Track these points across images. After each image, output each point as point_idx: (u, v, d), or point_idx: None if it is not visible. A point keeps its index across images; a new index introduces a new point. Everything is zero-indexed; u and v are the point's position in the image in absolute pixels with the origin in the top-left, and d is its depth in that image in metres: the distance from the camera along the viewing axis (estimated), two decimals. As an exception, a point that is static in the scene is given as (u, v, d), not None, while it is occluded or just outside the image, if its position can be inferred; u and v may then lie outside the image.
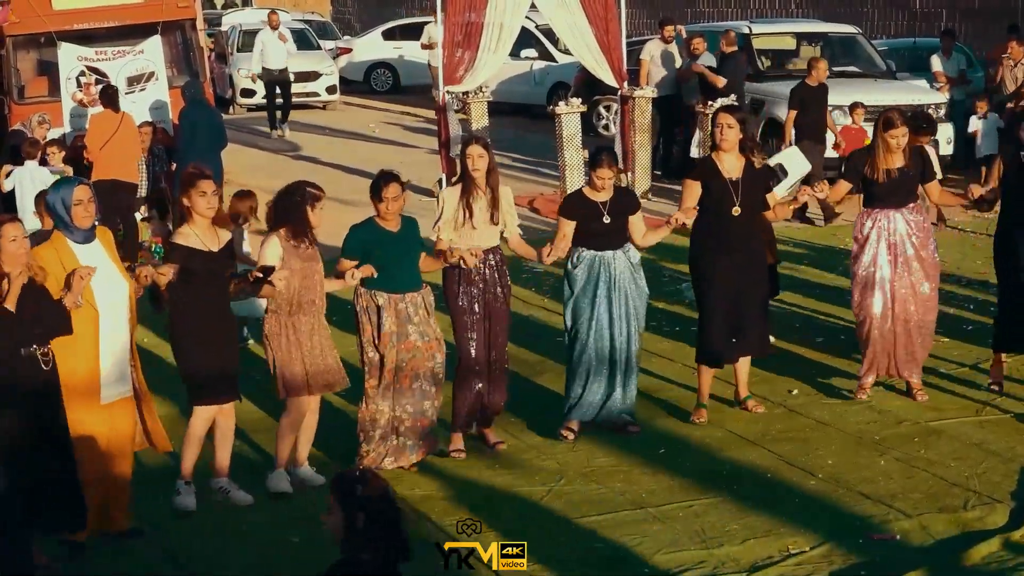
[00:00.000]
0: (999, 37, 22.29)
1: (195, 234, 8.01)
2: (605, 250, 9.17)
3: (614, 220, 9.17)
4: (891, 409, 9.81)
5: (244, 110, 29.38)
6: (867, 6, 27.97)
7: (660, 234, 9.48)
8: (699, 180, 9.40)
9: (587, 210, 9.17)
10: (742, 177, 9.35)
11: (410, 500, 8.36)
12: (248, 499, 8.33)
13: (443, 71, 18.05)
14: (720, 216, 9.32)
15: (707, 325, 9.52)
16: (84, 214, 7.49)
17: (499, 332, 9.11)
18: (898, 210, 9.63)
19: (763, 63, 20.31)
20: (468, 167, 8.96)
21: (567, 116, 17.08)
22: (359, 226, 8.80)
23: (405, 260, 8.72)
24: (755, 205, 9.44)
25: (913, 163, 9.67)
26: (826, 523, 7.86)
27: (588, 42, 17.93)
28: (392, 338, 8.59)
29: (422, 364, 8.68)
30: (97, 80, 16.77)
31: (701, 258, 9.49)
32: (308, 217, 8.32)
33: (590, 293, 9.18)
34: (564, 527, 7.91)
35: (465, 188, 8.98)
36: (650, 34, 24.35)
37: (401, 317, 8.63)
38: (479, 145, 9.04)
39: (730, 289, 9.37)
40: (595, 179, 9.14)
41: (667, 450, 9.12)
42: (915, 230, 9.66)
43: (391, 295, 8.63)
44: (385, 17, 36.98)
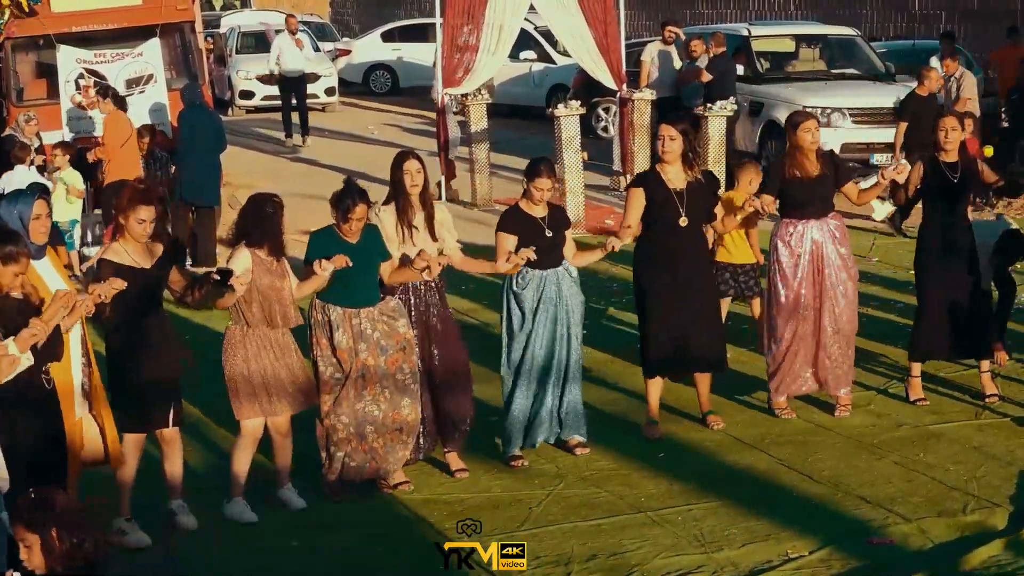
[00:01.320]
0: (998, 39, 22.32)
1: (126, 251, 7.66)
2: (548, 268, 8.81)
3: (555, 235, 8.84)
4: (890, 413, 9.81)
5: (243, 112, 29.39)
6: (866, 8, 27.97)
7: (592, 258, 9.18)
8: (643, 188, 9.20)
9: (527, 225, 8.78)
10: (686, 188, 9.17)
11: (410, 504, 8.37)
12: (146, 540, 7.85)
13: (442, 73, 18.08)
14: (666, 227, 9.16)
15: (650, 338, 9.32)
16: (41, 229, 7.25)
17: (443, 354, 8.68)
18: (820, 220, 9.52)
19: (762, 65, 20.31)
20: (405, 183, 8.61)
21: (566, 118, 17.08)
22: (319, 233, 8.45)
23: (364, 274, 8.33)
24: (700, 216, 9.29)
25: (826, 168, 9.58)
26: (825, 527, 7.85)
27: (587, 44, 17.95)
28: (350, 353, 8.27)
29: (383, 378, 8.31)
30: (96, 83, 16.75)
31: (646, 271, 9.31)
32: (281, 228, 8.09)
33: (543, 315, 8.81)
34: (564, 531, 7.91)
35: (400, 206, 8.63)
36: (649, 36, 24.36)
37: (355, 333, 8.27)
38: (416, 160, 8.69)
39: (675, 303, 9.20)
40: (533, 190, 8.78)
41: (666, 454, 9.12)
42: (838, 242, 9.56)
43: (345, 310, 8.28)
44: (384, 19, 36.98)
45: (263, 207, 8.09)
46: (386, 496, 8.53)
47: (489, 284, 13.24)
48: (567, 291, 8.88)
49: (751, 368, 10.75)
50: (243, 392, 8.07)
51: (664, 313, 9.24)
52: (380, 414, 8.33)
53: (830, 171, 9.61)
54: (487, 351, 10.15)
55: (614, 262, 13.83)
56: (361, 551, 7.76)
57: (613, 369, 10.94)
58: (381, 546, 7.82)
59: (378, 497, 8.53)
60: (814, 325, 9.57)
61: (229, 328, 8.15)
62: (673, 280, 9.19)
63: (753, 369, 10.68)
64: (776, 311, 9.63)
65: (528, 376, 8.87)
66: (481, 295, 13.23)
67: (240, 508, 8.17)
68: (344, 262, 8.08)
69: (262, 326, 8.06)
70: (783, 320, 9.57)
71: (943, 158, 9.74)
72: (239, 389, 8.06)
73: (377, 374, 8.29)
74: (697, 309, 9.28)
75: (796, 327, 9.56)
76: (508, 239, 8.76)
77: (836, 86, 19.50)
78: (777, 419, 9.72)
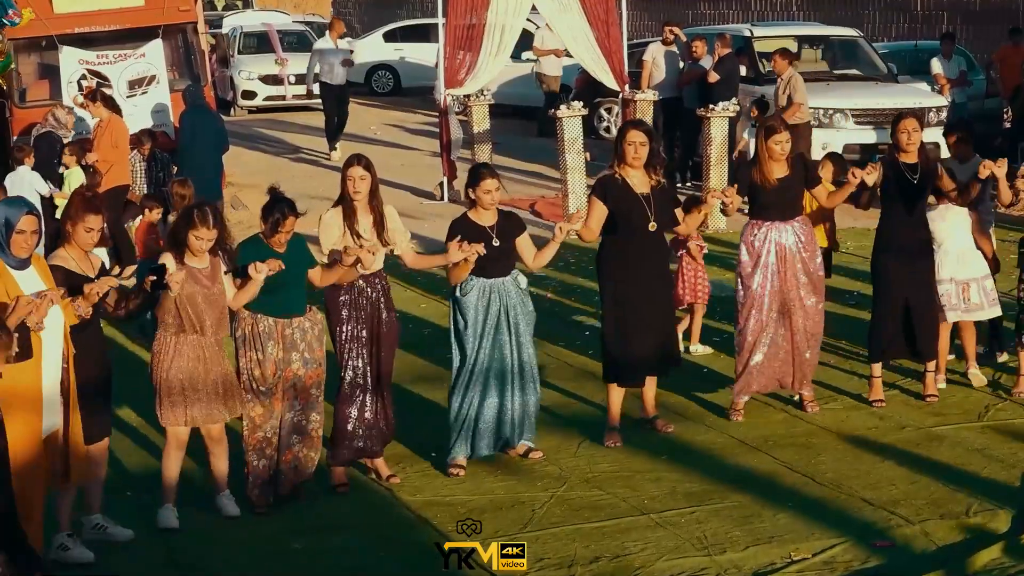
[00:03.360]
0: (999, 39, 22.31)
1: (72, 258, 7.55)
2: (494, 277, 8.70)
3: (503, 243, 8.72)
4: (893, 414, 9.80)
5: (245, 112, 29.40)
6: (868, 9, 27.97)
7: (551, 251, 8.92)
8: (608, 198, 9.11)
9: (474, 234, 8.63)
10: (652, 193, 9.11)
11: (412, 505, 8.37)
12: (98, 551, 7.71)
13: (444, 74, 18.08)
14: (634, 232, 9.10)
15: (619, 345, 9.23)
16: (24, 245, 7.08)
17: (386, 357, 8.62)
18: (786, 223, 9.50)
19: (764, 66, 20.29)
20: (349, 189, 8.50)
21: (568, 119, 17.08)
22: (246, 244, 8.31)
23: (293, 282, 8.22)
24: (666, 220, 9.24)
25: (795, 171, 9.55)
26: (828, 529, 7.84)
27: (589, 45, 17.95)
28: (277, 365, 8.16)
29: (303, 392, 8.25)
30: (98, 84, 16.76)
31: (613, 276, 9.21)
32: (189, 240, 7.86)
33: (485, 323, 8.70)
34: (567, 533, 7.90)
35: (346, 211, 8.52)
36: (651, 36, 24.36)
37: (287, 343, 8.18)
38: (360, 166, 8.52)
39: (641, 308, 9.14)
40: (482, 195, 8.68)
41: (669, 456, 9.11)
42: (804, 244, 9.54)
43: (277, 320, 8.17)
44: (386, 19, 36.98)
45: (188, 217, 7.91)
46: (388, 498, 8.53)
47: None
48: (513, 300, 8.74)
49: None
50: (166, 398, 7.95)
51: (630, 318, 9.17)
52: (306, 423, 8.30)
53: (800, 174, 9.59)
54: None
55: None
56: (363, 553, 7.76)
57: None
58: (383, 548, 7.82)
59: (380, 499, 8.53)
60: (778, 326, 9.55)
61: (158, 334, 8.00)
62: (640, 285, 9.12)
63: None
64: (740, 311, 9.61)
65: (471, 383, 8.75)
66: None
67: (167, 515, 8.05)
68: (278, 266, 7.99)
69: (191, 333, 7.90)
70: (747, 320, 9.56)
71: (903, 159, 9.75)
72: (162, 395, 7.95)
73: (302, 385, 8.25)
74: (658, 314, 9.25)
75: (760, 327, 9.53)
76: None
77: (838, 87, 19.49)
78: (780, 421, 9.72)
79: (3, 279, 7.02)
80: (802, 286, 9.54)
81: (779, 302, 9.54)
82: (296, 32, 32.20)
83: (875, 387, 10.01)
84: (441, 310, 12.90)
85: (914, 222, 9.80)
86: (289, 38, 31.33)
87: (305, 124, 27.39)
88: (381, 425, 8.71)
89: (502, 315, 8.73)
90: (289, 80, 29.46)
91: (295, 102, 29.47)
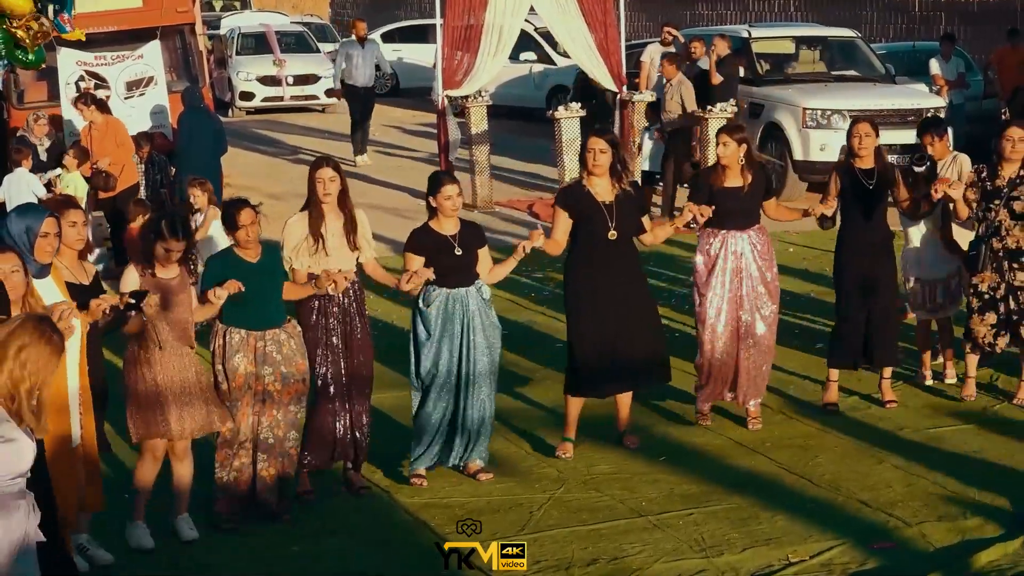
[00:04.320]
0: (998, 40, 22.33)
1: (64, 267, 7.40)
2: (458, 287, 8.56)
3: (465, 253, 8.59)
4: (891, 417, 9.81)
5: (243, 113, 29.41)
6: (866, 9, 27.99)
7: (507, 268, 8.86)
8: (571, 207, 9.03)
9: (436, 244, 8.52)
10: (615, 201, 9.02)
11: (411, 508, 8.37)
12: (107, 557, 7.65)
13: (442, 74, 18.08)
14: (595, 241, 8.98)
15: (579, 355, 9.12)
16: (48, 248, 7.02)
17: (362, 364, 8.52)
18: (743, 231, 9.45)
19: (762, 67, 20.31)
20: (319, 192, 8.40)
21: (566, 120, 17.08)
22: (216, 257, 8.25)
23: (267, 294, 8.06)
24: (630, 228, 9.11)
25: (756, 181, 9.50)
26: (826, 531, 7.85)
27: (587, 46, 17.96)
28: (247, 380, 7.99)
29: (279, 407, 8.07)
30: (96, 85, 16.76)
31: (573, 286, 9.11)
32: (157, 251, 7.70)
33: (446, 333, 8.54)
34: (564, 535, 7.90)
35: (314, 214, 8.41)
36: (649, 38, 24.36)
37: (258, 356, 7.99)
38: (330, 167, 8.43)
39: (602, 319, 9.00)
40: (443, 202, 8.54)
41: (667, 458, 9.12)
42: (760, 253, 9.51)
43: (249, 333, 8.00)
44: (384, 20, 36.97)
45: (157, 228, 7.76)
46: (386, 500, 8.53)
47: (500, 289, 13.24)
48: (475, 310, 8.62)
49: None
50: (137, 413, 7.75)
51: (590, 329, 9.04)
52: (283, 439, 8.12)
53: (760, 184, 9.54)
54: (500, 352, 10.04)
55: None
56: (361, 556, 7.76)
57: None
58: (381, 551, 7.82)
59: (379, 501, 8.53)
60: (733, 335, 9.50)
61: (128, 348, 7.80)
62: (601, 295, 8.99)
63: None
64: (698, 321, 9.55)
65: (431, 394, 8.63)
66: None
67: (137, 533, 7.86)
68: (237, 288, 7.79)
69: (158, 344, 7.70)
70: (704, 329, 9.49)
71: (858, 164, 9.74)
72: (134, 410, 7.75)
73: (277, 401, 8.05)
74: (626, 325, 9.06)
75: (716, 337, 9.47)
76: (415, 260, 8.56)
77: (836, 88, 19.50)
78: (778, 423, 9.72)
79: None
80: (755, 296, 9.49)
81: (735, 312, 9.47)
82: (294, 33, 32.21)
83: (830, 390, 9.95)
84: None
85: (872, 227, 9.76)
86: (287, 39, 31.34)
87: (304, 125, 27.42)
88: (356, 435, 8.56)
89: (463, 326, 8.58)
90: (287, 81, 29.48)
91: (293, 103, 29.49)
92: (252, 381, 8.01)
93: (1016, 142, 9.70)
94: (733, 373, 9.57)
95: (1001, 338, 9.80)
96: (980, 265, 9.76)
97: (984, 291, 9.77)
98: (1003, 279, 9.75)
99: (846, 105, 18.57)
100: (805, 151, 18.34)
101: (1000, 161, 9.76)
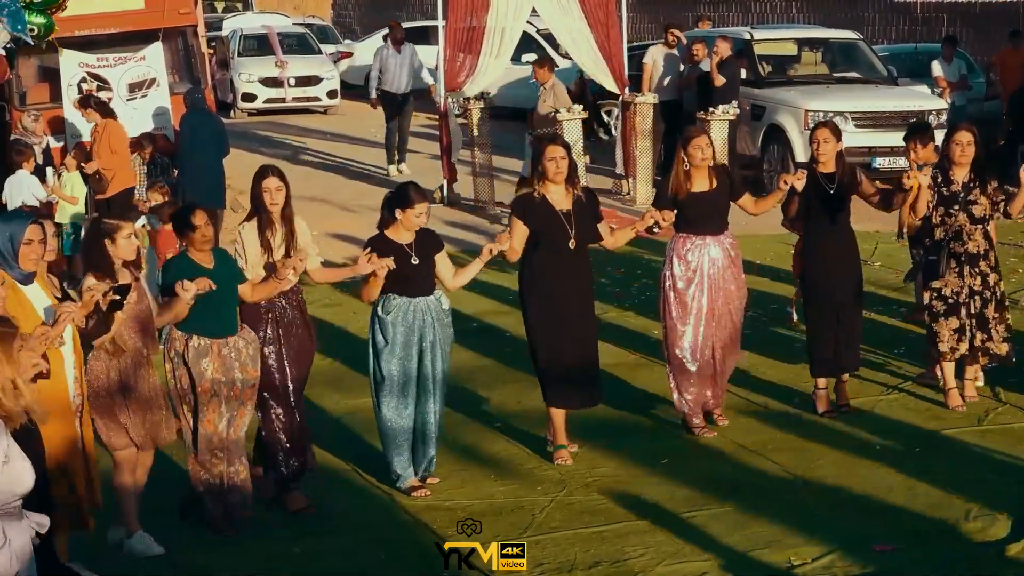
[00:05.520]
0: (1000, 42, 22.34)
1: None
2: (417, 296, 8.51)
3: (422, 262, 8.54)
4: (892, 419, 9.81)
5: (245, 115, 29.41)
6: (868, 11, 27.98)
7: (472, 271, 8.80)
8: (527, 217, 8.97)
9: (392, 253, 8.40)
10: (572, 209, 8.98)
11: (412, 509, 8.38)
12: None
13: (444, 76, 18.09)
14: (555, 251, 8.92)
15: (547, 366, 9.06)
16: (32, 256, 6.91)
17: (301, 375, 8.48)
18: (715, 236, 9.44)
19: (764, 69, 20.31)
20: (265, 201, 8.32)
21: (568, 122, 17.08)
22: (172, 261, 8.15)
23: (226, 299, 7.97)
24: (588, 236, 9.08)
25: (720, 184, 9.50)
26: (828, 534, 7.84)
27: (589, 47, 17.96)
28: (214, 386, 7.91)
29: (245, 413, 8.06)
30: (99, 87, 16.76)
31: (532, 295, 9.06)
32: (107, 252, 7.56)
33: (404, 341, 8.50)
34: (566, 538, 7.91)
35: (261, 224, 8.35)
36: (651, 39, 24.38)
37: (226, 364, 7.93)
38: (276, 177, 8.37)
39: (561, 328, 8.96)
40: (412, 218, 8.46)
41: (669, 460, 9.12)
42: (733, 259, 9.51)
43: (212, 340, 7.91)
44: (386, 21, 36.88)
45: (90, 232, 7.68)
46: (388, 502, 8.54)
47: (502, 290, 13.27)
48: (433, 319, 8.57)
49: (755, 372, 10.76)
50: (107, 422, 7.65)
51: (556, 338, 8.99)
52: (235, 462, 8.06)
53: (725, 186, 9.52)
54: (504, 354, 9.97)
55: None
56: (363, 557, 7.77)
57: (615, 374, 10.92)
58: (383, 552, 7.82)
59: (381, 503, 8.54)
60: (709, 341, 9.49)
61: (90, 359, 7.58)
62: (562, 304, 8.95)
63: (757, 373, 10.70)
64: (671, 330, 9.52)
65: (392, 401, 8.58)
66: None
67: (143, 543, 7.80)
68: (208, 285, 7.72)
69: (121, 353, 7.59)
70: (682, 339, 9.46)
71: (820, 169, 9.74)
72: (104, 420, 7.64)
73: (240, 406, 8.03)
74: (578, 338, 9.02)
75: (696, 346, 9.46)
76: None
77: (838, 90, 19.50)
78: (779, 425, 9.72)
79: (16, 294, 6.87)
80: (727, 303, 9.48)
81: (706, 317, 9.46)
82: (296, 34, 32.20)
83: (821, 399, 9.94)
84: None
85: (837, 232, 9.75)
86: (289, 40, 31.33)
87: (306, 127, 27.40)
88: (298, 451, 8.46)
89: (421, 334, 8.53)
90: (289, 83, 29.48)
91: (295, 104, 29.49)
92: (219, 387, 7.92)
93: (965, 146, 9.72)
94: (709, 378, 9.57)
95: (962, 343, 9.81)
96: (941, 270, 9.78)
97: (948, 295, 9.79)
98: (963, 283, 9.76)
99: (848, 107, 18.58)
100: (807, 153, 18.31)
101: (951, 166, 9.78)
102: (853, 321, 9.90)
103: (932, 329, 9.88)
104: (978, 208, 9.71)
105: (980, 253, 9.77)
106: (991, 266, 9.84)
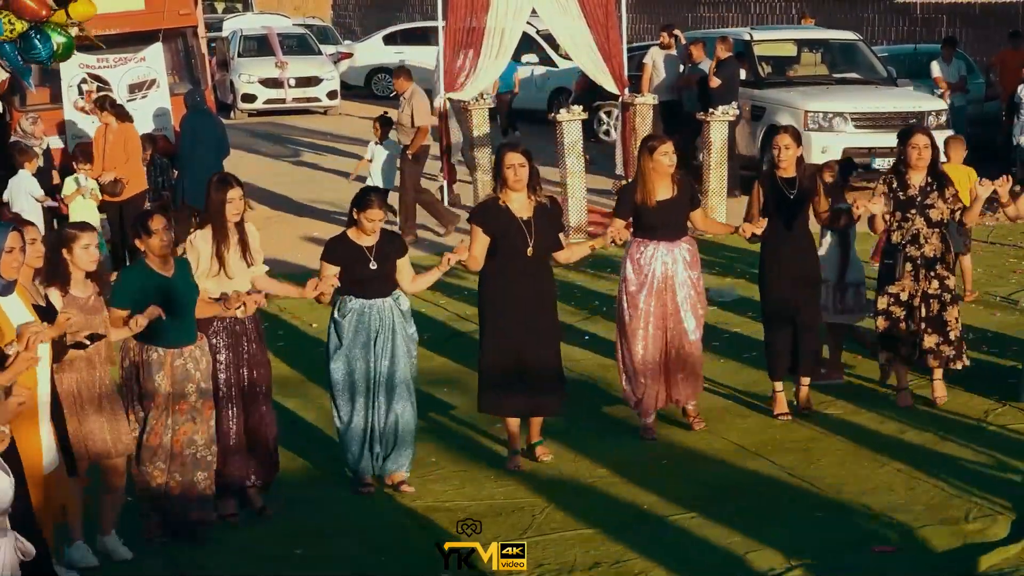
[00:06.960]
0: (1000, 43, 22.35)
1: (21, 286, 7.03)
2: (374, 298, 8.51)
3: (381, 265, 8.52)
4: (892, 419, 9.82)
5: (245, 116, 29.44)
6: (868, 12, 28.00)
7: (430, 279, 8.83)
8: (487, 225, 8.92)
9: (352, 255, 8.48)
10: (533, 217, 8.90)
11: (413, 511, 8.39)
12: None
13: (444, 77, 18.09)
14: (513, 257, 8.87)
15: (484, 368, 9.00)
16: (13, 264, 6.70)
17: (260, 390, 8.36)
18: (670, 243, 9.42)
19: (764, 70, 20.32)
20: (228, 212, 8.20)
21: (568, 123, 17.08)
22: (131, 270, 8.07)
23: (185, 309, 7.81)
24: (547, 244, 9.03)
25: (682, 192, 9.49)
26: (828, 534, 7.86)
27: (589, 48, 17.97)
28: (167, 400, 7.78)
29: (200, 427, 7.90)
30: (99, 88, 16.77)
31: (489, 303, 9.01)
32: (65, 262, 7.43)
33: (360, 344, 8.50)
34: (566, 539, 7.91)
35: (217, 233, 8.22)
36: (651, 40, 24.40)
37: (178, 375, 7.78)
38: (239, 187, 8.27)
39: (516, 337, 8.91)
40: (364, 221, 8.46)
41: (669, 461, 9.13)
42: (690, 263, 9.50)
43: (167, 350, 7.77)
44: (386, 22, 37.04)
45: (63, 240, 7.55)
46: (388, 504, 8.55)
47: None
48: (391, 321, 8.55)
49: (755, 372, 10.76)
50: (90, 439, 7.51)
51: (497, 344, 8.96)
52: (200, 457, 7.94)
53: (685, 195, 9.51)
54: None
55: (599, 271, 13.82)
56: (364, 558, 7.77)
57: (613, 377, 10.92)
58: (384, 553, 7.83)
59: (381, 504, 8.54)
60: (661, 345, 9.48)
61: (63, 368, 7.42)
62: (513, 311, 8.91)
63: (757, 374, 10.69)
64: (623, 334, 9.53)
65: (347, 402, 8.58)
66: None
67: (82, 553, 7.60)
68: (158, 313, 7.59)
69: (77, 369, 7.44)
70: (633, 342, 9.46)
71: (780, 174, 9.75)
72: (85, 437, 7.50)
73: (198, 416, 7.89)
74: (531, 346, 8.97)
75: (647, 349, 9.44)
76: (330, 269, 8.51)
77: (838, 90, 19.52)
78: (779, 426, 9.73)
79: None
80: (683, 306, 9.46)
81: (660, 321, 9.45)
82: (296, 35, 32.24)
83: (778, 401, 9.93)
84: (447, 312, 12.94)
85: (796, 237, 9.74)
86: (289, 41, 31.38)
87: (306, 127, 27.43)
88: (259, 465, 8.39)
89: (378, 336, 8.52)
90: (289, 83, 29.51)
91: (295, 105, 29.52)
92: (170, 401, 7.83)
93: (922, 149, 9.72)
94: (664, 380, 9.55)
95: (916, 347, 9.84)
96: (898, 273, 9.80)
97: (905, 299, 9.80)
98: (919, 287, 9.78)
99: (848, 108, 18.60)
100: (807, 154, 18.30)
101: (907, 170, 9.78)
102: (809, 325, 9.88)
103: (887, 332, 9.90)
104: (935, 212, 9.70)
105: (937, 257, 9.77)
106: (948, 269, 9.87)
